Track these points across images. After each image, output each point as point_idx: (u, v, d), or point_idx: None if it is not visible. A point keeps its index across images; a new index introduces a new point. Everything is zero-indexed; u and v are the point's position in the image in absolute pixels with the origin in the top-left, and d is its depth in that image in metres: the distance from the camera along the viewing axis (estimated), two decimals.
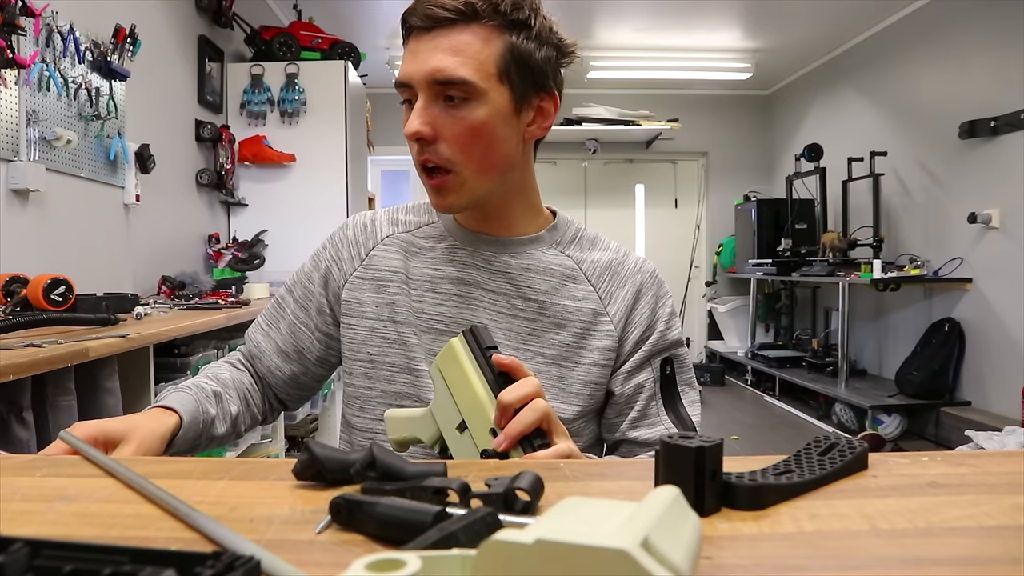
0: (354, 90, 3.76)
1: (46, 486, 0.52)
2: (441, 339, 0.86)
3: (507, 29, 0.80)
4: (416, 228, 0.94)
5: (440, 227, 0.93)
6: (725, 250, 6.19)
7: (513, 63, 0.81)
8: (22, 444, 1.20)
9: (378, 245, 0.93)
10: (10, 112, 1.92)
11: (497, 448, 0.66)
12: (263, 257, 3.32)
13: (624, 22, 4.76)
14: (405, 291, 0.89)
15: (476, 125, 0.80)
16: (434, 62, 0.78)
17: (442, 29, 0.79)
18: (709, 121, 6.30)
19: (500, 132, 0.82)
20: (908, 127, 4.40)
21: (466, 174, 0.82)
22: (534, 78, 0.83)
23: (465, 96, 0.79)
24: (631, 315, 0.90)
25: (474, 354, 0.70)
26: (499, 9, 0.79)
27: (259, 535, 0.42)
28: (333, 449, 0.52)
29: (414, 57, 0.80)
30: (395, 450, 0.76)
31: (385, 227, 0.95)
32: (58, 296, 1.56)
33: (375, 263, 0.92)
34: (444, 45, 0.79)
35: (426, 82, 0.79)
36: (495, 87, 0.80)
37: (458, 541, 0.36)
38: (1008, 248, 3.57)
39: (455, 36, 0.79)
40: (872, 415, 3.89)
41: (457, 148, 0.80)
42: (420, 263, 0.91)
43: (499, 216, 0.90)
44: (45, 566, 0.31)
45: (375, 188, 6.03)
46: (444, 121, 0.80)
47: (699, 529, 0.37)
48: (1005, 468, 0.55)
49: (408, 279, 0.90)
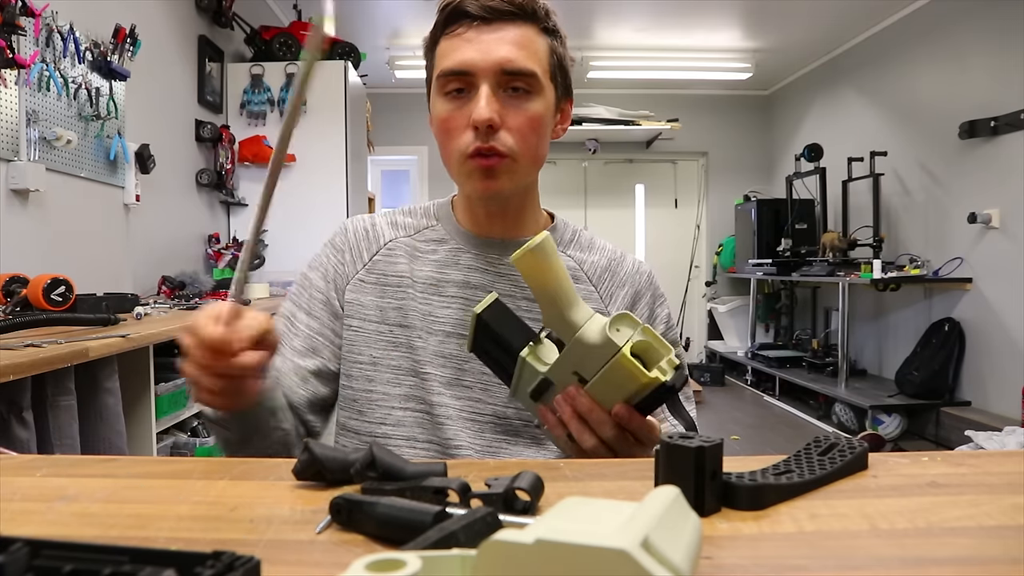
0: (354, 90, 3.76)
1: (46, 486, 0.52)
2: (448, 341, 0.87)
3: (548, 33, 0.85)
4: (416, 232, 0.94)
5: (441, 230, 0.93)
6: (725, 250, 6.19)
7: (556, 64, 0.86)
8: (22, 444, 1.19)
9: (381, 250, 0.93)
10: (10, 112, 1.92)
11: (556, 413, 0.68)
12: (263, 257, 3.33)
13: (624, 22, 4.76)
14: (411, 295, 0.89)
15: (536, 117, 0.83)
16: (503, 51, 0.80)
17: (503, 22, 0.81)
18: (709, 121, 6.30)
19: (548, 127, 0.86)
20: (908, 127, 4.40)
21: (521, 163, 0.84)
22: (567, 82, 0.89)
23: (528, 88, 0.82)
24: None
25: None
26: (548, 14, 0.85)
27: (259, 535, 0.42)
28: (333, 449, 0.52)
29: (475, 46, 0.80)
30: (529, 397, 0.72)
31: (387, 231, 0.94)
32: (58, 296, 1.56)
33: (379, 267, 0.91)
34: (509, 37, 0.81)
35: (494, 71, 0.80)
36: (548, 84, 0.84)
37: (458, 541, 0.36)
38: (1008, 248, 3.57)
39: (517, 30, 0.81)
40: (872, 415, 3.89)
41: (519, 138, 0.82)
42: (424, 267, 0.90)
43: (512, 215, 0.91)
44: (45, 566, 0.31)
45: (375, 188, 6.03)
46: (508, 111, 0.81)
47: (699, 529, 0.37)
48: (1005, 468, 0.55)
49: (413, 282, 0.90)
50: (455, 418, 0.85)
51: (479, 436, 0.86)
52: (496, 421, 0.86)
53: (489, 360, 0.75)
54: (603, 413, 0.65)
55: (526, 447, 0.87)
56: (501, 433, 0.86)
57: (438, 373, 0.86)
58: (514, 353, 0.70)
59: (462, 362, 0.87)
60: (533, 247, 0.64)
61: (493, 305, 0.70)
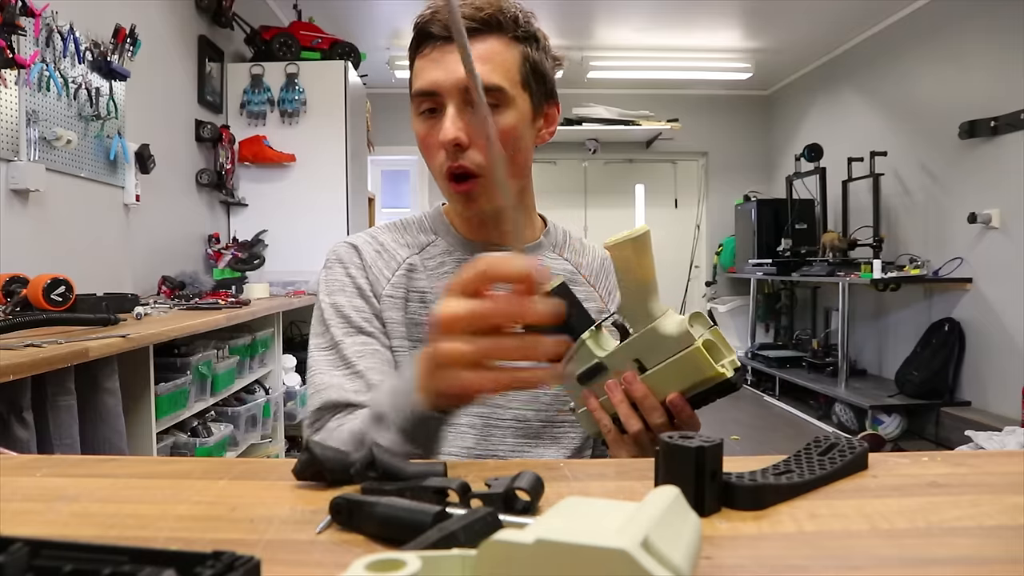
0: (354, 90, 3.76)
1: (46, 486, 0.52)
2: None
3: (521, 40, 0.84)
4: (421, 249, 0.94)
5: (443, 244, 0.93)
6: (725, 250, 6.19)
7: (530, 71, 0.85)
8: (22, 444, 1.19)
9: (401, 267, 0.91)
10: (10, 112, 1.92)
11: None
12: (263, 257, 3.33)
13: (624, 22, 4.75)
14: (429, 310, 0.89)
15: (506, 130, 0.82)
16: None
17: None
18: (709, 121, 6.30)
19: (524, 137, 0.85)
20: (908, 127, 4.40)
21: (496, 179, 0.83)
22: (546, 86, 0.88)
23: (496, 102, 0.81)
24: None
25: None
26: (517, 21, 0.83)
27: (259, 535, 0.42)
28: (333, 449, 0.52)
29: (441, 66, 0.80)
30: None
31: (399, 250, 0.92)
32: (58, 296, 1.56)
33: (402, 284, 0.90)
34: (473, 53, 0.79)
35: (458, 89, 0.79)
36: (520, 93, 0.84)
37: (458, 541, 0.36)
38: (1008, 248, 3.57)
39: (482, 45, 0.81)
40: (872, 415, 3.89)
41: (488, 153, 0.81)
42: (436, 282, 0.91)
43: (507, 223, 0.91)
44: (45, 566, 0.31)
45: (375, 188, 6.03)
46: (476, 127, 0.81)
47: (699, 529, 0.37)
48: (1005, 468, 0.55)
49: (434, 297, 0.90)
50: (479, 427, 0.87)
51: (501, 442, 0.87)
52: (516, 425, 0.88)
53: None
54: (656, 401, 0.67)
55: (546, 448, 0.89)
56: (522, 437, 0.88)
57: None
58: (574, 335, 0.72)
59: None
60: (635, 238, 0.66)
61: (559, 288, 0.72)
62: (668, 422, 0.68)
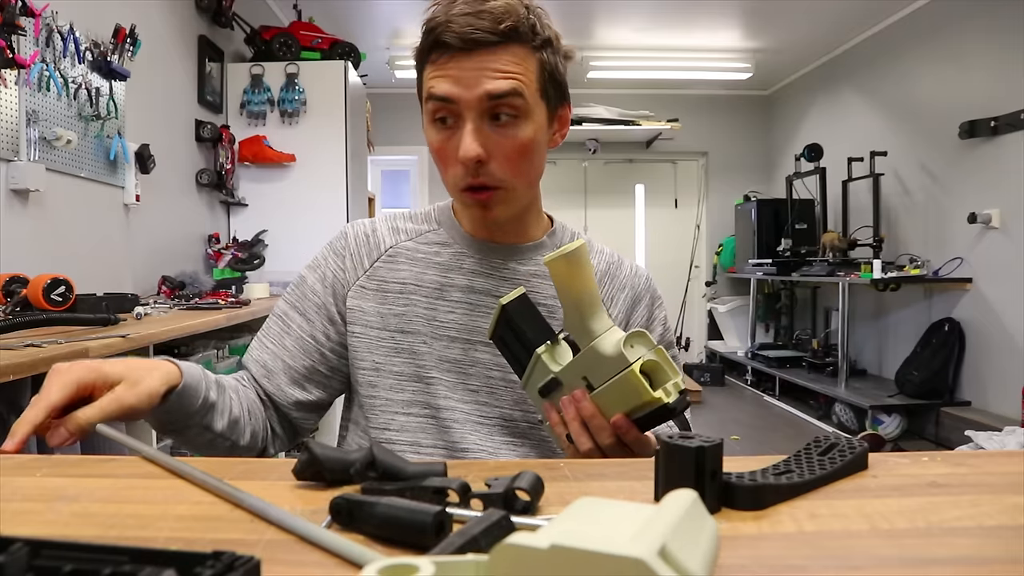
0: (354, 90, 3.76)
1: (46, 486, 0.52)
2: (453, 346, 0.87)
3: (538, 48, 0.82)
4: (418, 235, 0.94)
5: (443, 234, 0.94)
6: (725, 250, 6.19)
7: (548, 79, 0.84)
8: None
9: (382, 256, 0.92)
10: (10, 112, 1.92)
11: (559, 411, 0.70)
12: (263, 257, 3.32)
13: (624, 22, 4.75)
14: (415, 301, 0.89)
15: (526, 142, 0.81)
16: (487, 85, 0.78)
17: (483, 51, 0.78)
18: (709, 121, 6.30)
19: (541, 145, 0.85)
20: (908, 127, 4.40)
21: (515, 190, 0.84)
22: (560, 90, 0.87)
23: (515, 115, 0.80)
24: (631, 317, 0.94)
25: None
26: (535, 29, 0.81)
27: (259, 535, 0.42)
28: (333, 449, 0.52)
29: (458, 79, 0.79)
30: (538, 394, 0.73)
31: (387, 237, 0.94)
32: (58, 296, 1.56)
33: (380, 274, 0.91)
34: (492, 67, 0.78)
35: (477, 103, 0.78)
36: (538, 103, 0.83)
37: (479, 546, 0.35)
38: (1008, 248, 3.57)
39: (500, 58, 0.79)
40: (872, 415, 3.89)
41: (509, 166, 0.81)
42: (428, 271, 0.91)
43: (515, 224, 0.91)
44: (45, 566, 0.31)
45: (375, 188, 6.03)
46: (494, 140, 0.80)
47: (716, 535, 0.36)
48: (1005, 468, 0.55)
49: (417, 287, 0.90)
50: (463, 421, 0.86)
51: (488, 439, 0.86)
52: (504, 423, 0.87)
53: (506, 351, 0.76)
54: (603, 421, 0.66)
55: (532, 448, 0.88)
56: (509, 435, 0.87)
57: (444, 377, 0.87)
58: (531, 348, 0.72)
59: (467, 366, 0.87)
60: (568, 253, 0.66)
61: (519, 299, 0.72)
62: (617, 443, 0.67)
